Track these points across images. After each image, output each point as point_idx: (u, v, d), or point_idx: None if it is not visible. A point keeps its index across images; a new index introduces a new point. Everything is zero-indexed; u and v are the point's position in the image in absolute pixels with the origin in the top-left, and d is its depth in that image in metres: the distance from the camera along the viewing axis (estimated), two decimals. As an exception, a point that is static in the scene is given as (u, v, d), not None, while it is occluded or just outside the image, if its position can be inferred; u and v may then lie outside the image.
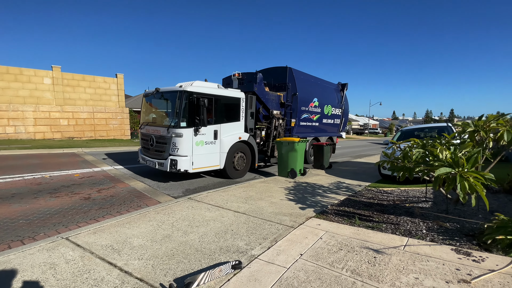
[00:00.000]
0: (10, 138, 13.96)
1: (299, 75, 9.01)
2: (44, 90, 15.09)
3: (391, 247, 3.04)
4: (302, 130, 9.31)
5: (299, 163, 7.04)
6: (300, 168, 7.17)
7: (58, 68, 15.52)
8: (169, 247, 2.94)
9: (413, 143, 4.49)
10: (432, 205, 4.75)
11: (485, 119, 3.99)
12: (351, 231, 3.50)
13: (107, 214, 4.24)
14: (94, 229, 3.37)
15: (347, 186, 6.45)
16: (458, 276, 2.46)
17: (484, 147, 3.98)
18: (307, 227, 3.64)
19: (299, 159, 6.97)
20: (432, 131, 8.38)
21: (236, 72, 7.98)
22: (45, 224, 3.76)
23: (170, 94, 6.22)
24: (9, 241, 3.21)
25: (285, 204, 4.70)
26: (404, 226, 3.74)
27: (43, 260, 2.58)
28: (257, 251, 2.89)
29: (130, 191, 5.55)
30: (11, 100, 14.09)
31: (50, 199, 4.86)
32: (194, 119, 5.90)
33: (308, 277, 2.41)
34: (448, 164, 3.34)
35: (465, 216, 4.04)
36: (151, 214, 3.96)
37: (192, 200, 4.72)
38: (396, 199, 5.21)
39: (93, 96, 16.90)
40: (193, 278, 2.24)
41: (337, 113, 11.26)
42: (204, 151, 6.21)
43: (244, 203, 4.65)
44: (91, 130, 16.85)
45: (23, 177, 6.33)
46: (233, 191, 5.43)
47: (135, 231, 3.33)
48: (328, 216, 4.13)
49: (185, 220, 3.75)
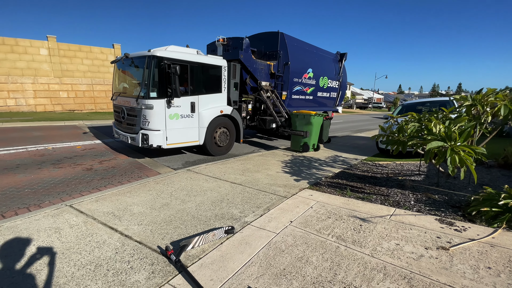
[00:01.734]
0: (11, 110, 14.02)
1: (292, 41, 8.21)
2: (41, 61, 14.80)
3: (378, 216, 3.18)
4: (294, 104, 8.76)
5: (314, 138, 7.01)
6: (314, 142, 7.18)
7: (53, 38, 15.08)
8: (167, 214, 3.11)
9: (410, 117, 4.48)
10: (425, 178, 4.86)
11: (484, 93, 3.93)
12: (341, 202, 3.65)
13: (109, 184, 4.41)
14: (97, 198, 3.54)
15: (344, 159, 6.55)
16: (438, 243, 2.61)
17: (482, 122, 3.97)
18: (299, 197, 3.79)
19: (313, 134, 6.96)
20: (434, 105, 8.24)
21: (221, 37, 7.20)
22: (49, 193, 3.94)
23: (139, 60, 5.55)
24: (15, 208, 3.40)
25: (281, 176, 4.83)
26: (393, 197, 3.87)
27: (49, 225, 2.76)
28: (250, 218, 3.06)
29: (131, 163, 5.71)
30: (9, 72, 13.91)
31: (53, 169, 5.03)
32: (166, 89, 5.31)
33: (296, 241, 2.58)
34: (441, 138, 3.37)
35: (455, 189, 4.15)
36: (151, 184, 4.12)
37: (191, 171, 4.87)
38: (390, 172, 5.32)
39: (91, 67, 16.59)
40: (188, 241, 2.41)
41: (333, 86, 10.53)
42: (180, 125, 5.69)
43: (241, 175, 4.79)
44: (91, 102, 16.79)
45: (26, 149, 6.49)
46: (231, 163, 5.56)
47: (135, 200, 3.50)
48: (321, 188, 4.26)
49: (183, 190, 3.91)
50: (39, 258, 2.22)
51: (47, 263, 2.16)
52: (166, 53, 5.39)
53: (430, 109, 7.85)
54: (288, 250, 2.44)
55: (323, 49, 9.93)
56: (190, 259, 2.27)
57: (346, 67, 11.31)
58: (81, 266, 2.15)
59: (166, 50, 5.51)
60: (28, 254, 2.28)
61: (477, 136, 4.15)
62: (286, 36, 8.00)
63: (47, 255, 2.26)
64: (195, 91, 5.94)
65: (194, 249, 2.42)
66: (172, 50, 5.64)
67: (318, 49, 9.62)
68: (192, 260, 2.27)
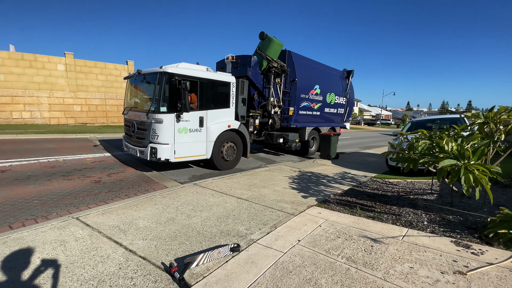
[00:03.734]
0: (26, 122, 14.50)
1: (299, 59, 8.44)
2: (58, 76, 15.44)
3: (390, 237, 3.06)
4: (301, 119, 8.83)
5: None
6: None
7: (71, 54, 15.80)
8: (173, 229, 3.07)
9: (420, 134, 4.40)
10: (437, 197, 4.70)
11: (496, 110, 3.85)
12: (351, 220, 3.53)
13: (116, 197, 4.42)
14: (103, 210, 3.54)
15: (353, 176, 6.43)
16: (455, 267, 2.47)
17: (495, 140, 3.87)
18: (307, 215, 3.69)
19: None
20: (444, 122, 8.11)
21: (230, 55, 7.46)
22: (57, 205, 3.97)
23: (151, 76, 5.76)
24: (23, 220, 3.42)
25: (288, 192, 4.75)
26: (405, 217, 3.74)
27: (54, 238, 2.76)
28: (256, 236, 2.98)
29: (138, 176, 5.74)
30: (26, 86, 14.53)
31: (63, 181, 5.09)
32: (175, 104, 5.43)
33: (304, 262, 2.48)
34: (453, 156, 3.28)
35: (470, 210, 3.98)
36: (157, 198, 4.10)
37: (197, 186, 4.85)
38: (401, 191, 5.17)
39: (105, 83, 17.19)
40: (193, 259, 2.35)
41: (341, 102, 10.64)
42: (188, 139, 5.76)
43: (248, 190, 4.74)
44: (103, 116, 17.24)
45: (38, 160, 6.62)
46: (237, 178, 5.52)
47: (141, 214, 3.48)
48: (330, 205, 4.16)
49: (189, 205, 3.88)
50: (42, 271, 2.20)
51: (51, 277, 2.13)
52: (177, 69, 5.55)
53: (441, 126, 7.73)
54: (296, 271, 2.34)
55: (330, 66, 10.10)
56: (194, 278, 2.21)
57: (353, 84, 11.42)
58: (84, 281, 2.11)
59: (177, 67, 5.68)
60: (32, 267, 2.26)
61: (491, 155, 4.03)
62: (293, 54, 8.19)
63: (51, 268, 2.24)
64: (204, 106, 6.04)
65: (199, 266, 2.35)
66: (183, 67, 5.81)
67: (325, 66, 9.78)
68: (196, 278, 2.20)
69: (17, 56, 14.28)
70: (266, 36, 7.50)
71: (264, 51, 7.46)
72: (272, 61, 7.47)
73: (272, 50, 7.57)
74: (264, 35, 7.50)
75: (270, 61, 7.45)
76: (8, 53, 14.13)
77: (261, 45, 7.62)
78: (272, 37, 7.53)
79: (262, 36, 7.54)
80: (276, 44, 7.59)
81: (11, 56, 14.10)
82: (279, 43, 7.67)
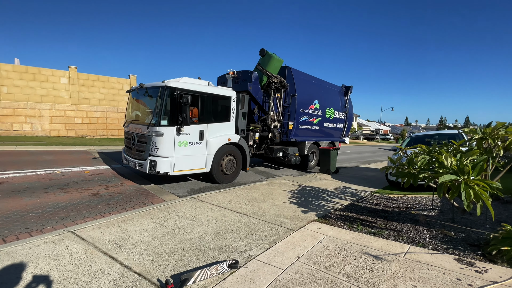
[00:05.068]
0: (26, 134, 14.52)
1: (299, 75, 8.61)
2: (61, 89, 15.65)
3: (391, 254, 3.00)
4: (300, 134, 8.89)
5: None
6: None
7: (74, 68, 16.08)
8: (170, 244, 3.00)
9: (419, 149, 4.42)
10: (439, 213, 4.64)
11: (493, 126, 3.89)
12: (351, 236, 3.47)
13: (113, 210, 4.36)
14: (99, 224, 3.47)
15: (353, 191, 6.38)
16: (458, 286, 2.40)
17: (494, 156, 3.88)
18: (307, 230, 3.63)
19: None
20: (443, 138, 8.16)
21: (231, 70, 7.61)
22: (53, 218, 3.90)
23: (153, 90, 5.82)
24: (17, 233, 3.35)
25: (288, 207, 4.70)
26: (407, 233, 3.68)
27: (48, 252, 2.69)
28: (255, 252, 2.92)
29: (136, 189, 5.68)
30: (29, 98, 14.68)
31: (60, 194, 5.04)
32: (176, 118, 5.47)
33: (304, 279, 2.41)
34: (453, 171, 3.28)
35: (472, 226, 3.93)
36: (155, 212, 4.04)
37: (196, 199, 4.79)
38: (402, 206, 5.12)
39: (107, 96, 17.39)
40: (190, 275, 2.29)
41: (340, 117, 10.78)
42: (188, 152, 5.76)
43: (247, 204, 4.68)
44: (104, 129, 17.31)
45: (36, 172, 6.58)
46: (236, 192, 5.47)
47: (138, 228, 3.42)
48: (330, 221, 4.10)
49: (187, 219, 3.82)
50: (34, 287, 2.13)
51: (42, 294, 2.06)
52: (179, 84, 5.63)
53: (439, 142, 7.77)
54: (295, 288, 2.28)
55: (329, 82, 10.28)
56: (191, 295, 2.14)
57: (352, 99, 11.57)
58: (76, 298, 2.04)
59: (179, 81, 5.76)
60: (24, 282, 2.19)
61: (490, 170, 4.02)
62: (293, 69, 8.37)
63: (43, 285, 2.17)
64: (204, 120, 6.08)
65: (196, 283, 2.28)
66: (184, 82, 5.89)
67: (324, 82, 9.97)
68: (193, 296, 2.13)
69: (21, 69, 14.53)
70: (266, 52, 7.70)
71: (264, 67, 7.62)
72: (272, 76, 7.61)
73: (272, 66, 7.74)
74: (264, 52, 7.70)
75: (270, 77, 7.60)
76: (13, 66, 14.38)
77: (261, 61, 7.80)
78: (272, 54, 7.72)
79: (262, 53, 7.74)
80: (276, 60, 7.78)
81: (15, 69, 14.35)
82: (279, 59, 7.86)
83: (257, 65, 7.76)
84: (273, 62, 7.72)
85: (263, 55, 7.75)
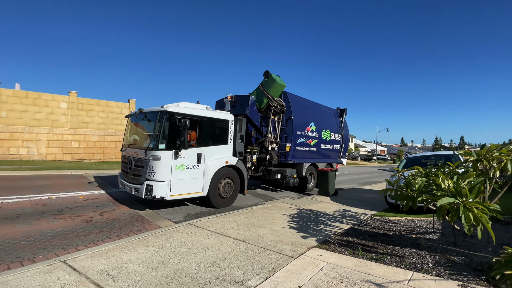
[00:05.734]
0: (22, 158, 14.40)
1: (295, 99, 8.87)
2: (59, 113, 15.79)
3: (395, 281, 2.90)
4: (298, 155, 8.95)
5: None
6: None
7: (74, 93, 16.36)
8: (164, 275, 2.89)
9: (416, 171, 4.44)
10: (440, 236, 4.57)
11: (487, 148, 3.96)
12: (353, 263, 3.38)
13: (107, 237, 4.23)
14: (92, 253, 3.36)
15: (352, 214, 6.29)
16: (466, 315, 2.31)
17: (491, 177, 3.91)
18: (308, 257, 3.53)
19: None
20: (439, 159, 8.24)
21: (229, 94, 7.81)
22: (45, 246, 3.77)
23: (152, 115, 5.89)
24: (9, 262, 3.22)
25: (287, 232, 4.60)
26: (409, 258, 3.59)
27: (39, 283, 2.57)
28: (254, 282, 2.81)
29: (132, 215, 5.56)
30: (27, 122, 14.75)
31: (53, 220, 4.91)
32: (174, 141, 5.48)
33: (305, 311, 2.31)
34: (451, 194, 3.28)
35: (474, 249, 3.85)
36: (150, 239, 3.93)
37: (192, 225, 4.69)
38: (403, 230, 5.04)
39: (105, 120, 17.54)
40: (185, 308, 2.18)
41: (336, 139, 10.91)
42: (185, 176, 5.71)
43: (245, 230, 4.58)
44: (101, 152, 17.25)
45: (30, 198, 6.45)
46: (234, 217, 5.37)
47: (132, 257, 3.31)
48: (331, 246, 4.01)
49: (183, 247, 3.71)
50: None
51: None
52: (178, 108, 5.74)
53: (436, 163, 7.84)
54: (296, 321, 2.17)
55: (323, 105, 10.58)
56: (187, 331, 2.03)
57: (347, 120, 11.82)
58: (65, 336, 1.92)
59: (178, 106, 5.87)
60: (10, 320, 2.07)
61: (488, 192, 4.03)
62: (289, 94, 8.67)
63: (30, 322, 2.05)
64: (202, 143, 6.11)
65: (192, 317, 2.18)
66: (183, 106, 6.01)
67: (319, 105, 10.24)
68: (188, 331, 2.02)
69: (21, 94, 14.75)
70: (271, 75, 7.82)
71: (267, 89, 7.77)
72: (272, 100, 7.75)
73: (274, 89, 7.88)
74: (269, 74, 7.81)
75: (270, 100, 7.73)
76: (13, 91, 14.61)
77: (264, 82, 7.89)
78: (275, 77, 7.83)
79: (266, 74, 7.86)
80: (279, 84, 7.90)
81: (15, 94, 14.56)
82: (282, 84, 7.99)
83: (259, 85, 7.86)
84: (275, 86, 7.85)
85: (267, 77, 7.83)
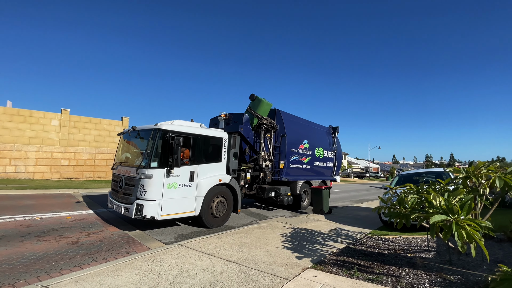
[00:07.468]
0: (9, 177, 13.95)
1: (288, 117, 9.04)
2: (50, 131, 15.56)
3: (391, 303, 2.82)
4: (292, 173, 8.96)
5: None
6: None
7: (67, 111, 16.25)
8: (153, 300, 2.75)
9: (408, 188, 4.48)
10: (435, 255, 4.52)
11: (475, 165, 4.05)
12: (349, 284, 3.29)
13: (93, 260, 4.04)
14: (77, 278, 3.19)
15: (347, 233, 6.21)
16: (465, 339, 2.24)
17: (481, 194, 3.96)
18: (302, 279, 3.43)
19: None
20: (430, 176, 8.35)
21: (223, 112, 7.91)
22: (27, 270, 3.57)
23: (145, 133, 5.84)
24: (-16, 290, 3.03)
25: (281, 252, 4.49)
26: (406, 278, 3.52)
27: (16, 313, 2.41)
28: (247, 306, 2.69)
29: (120, 236, 5.35)
30: (16, 140, 14.46)
31: (37, 243, 4.68)
32: (167, 159, 5.42)
33: (300, 337, 2.21)
34: (443, 211, 3.30)
35: (470, 267, 3.82)
36: (139, 262, 3.77)
37: (183, 246, 4.53)
38: (398, 248, 4.98)
39: (97, 137, 17.34)
40: (174, 337, 2.06)
41: (329, 156, 11.00)
42: (177, 194, 5.57)
43: (238, 251, 4.45)
44: (91, 170, 16.88)
45: (14, 219, 6.18)
46: (227, 237, 5.23)
47: (119, 281, 3.15)
48: (326, 267, 3.91)
49: (173, 269, 3.56)
50: None
51: None
52: (172, 126, 5.72)
53: (427, 180, 7.93)
54: None
55: (316, 123, 10.77)
56: None
57: (340, 138, 11.99)
58: None
59: (172, 124, 5.86)
60: None
61: (479, 209, 4.07)
62: (281, 112, 8.83)
63: None
64: (195, 161, 6.05)
65: None
66: (177, 124, 6.00)
67: (312, 123, 10.43)
68: None
69: (12, 111, 14.57)
70: (256, 97, 8.18)
71: (255, 110, 7.97)
72: (262, 118, 7.93)
73: (262, 109, 8.11)
74: (254, 97, 8.18)
75: (260, 119, 7.91)
76: (4, 109, 14.43)
77: (251, 105, 8.19)
78: (261, 98, 8.16)
79: (252, 97, 8.21)
80: (265, 104, 8.19)
81: (6, 112, 14.37)
82: (268, 103, 8.27)
83: (248, 108, 8.13)
84: (262, 106, 8.10)
85: (253, 100, 8.18)
